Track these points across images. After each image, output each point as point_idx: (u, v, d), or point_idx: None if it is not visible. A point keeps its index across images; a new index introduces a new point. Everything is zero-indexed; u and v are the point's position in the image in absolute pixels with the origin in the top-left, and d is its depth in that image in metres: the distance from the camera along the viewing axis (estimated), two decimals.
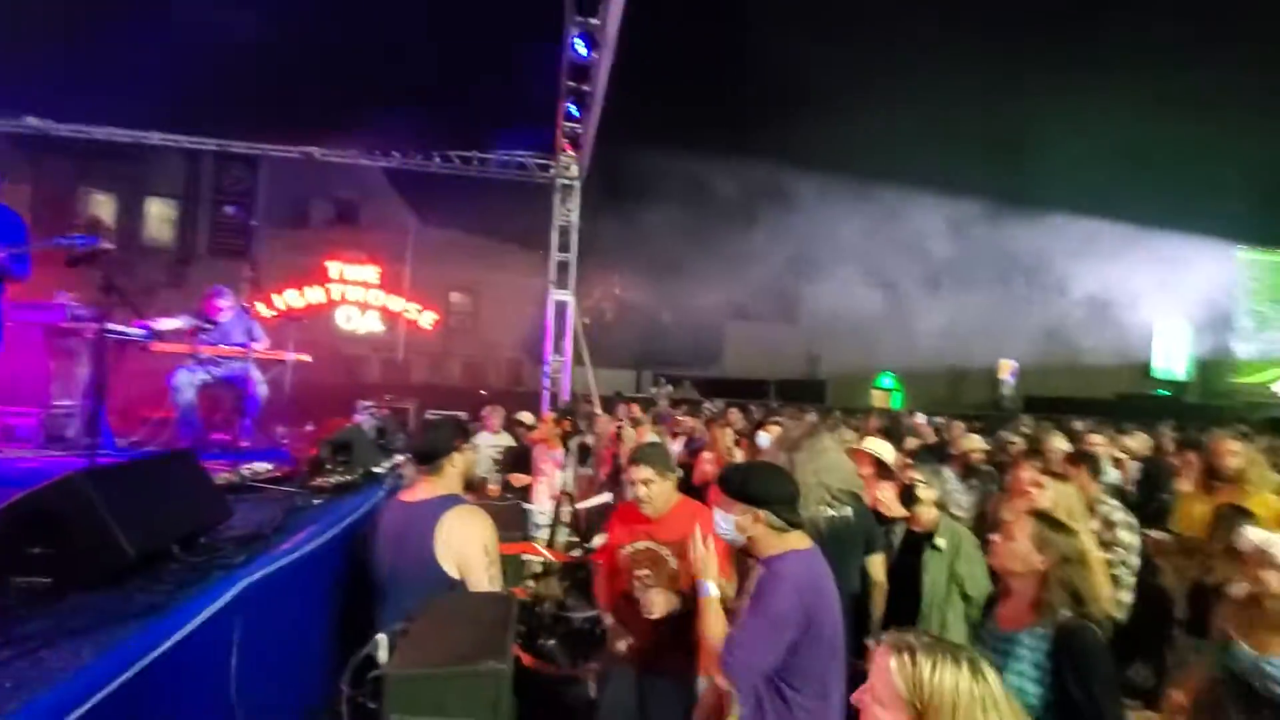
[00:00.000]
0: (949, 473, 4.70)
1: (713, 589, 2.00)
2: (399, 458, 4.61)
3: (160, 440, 4.49)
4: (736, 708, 1.99)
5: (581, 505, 5.17)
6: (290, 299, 16.74)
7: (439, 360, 22.32)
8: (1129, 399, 23.60)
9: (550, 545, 4.62)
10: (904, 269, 28.98)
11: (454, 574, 2.26)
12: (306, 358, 5.56)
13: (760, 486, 2.01)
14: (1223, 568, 2.53)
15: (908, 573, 2.99)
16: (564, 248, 10.20)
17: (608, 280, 27.96)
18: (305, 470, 3.56)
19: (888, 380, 27.83)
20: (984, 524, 4.01)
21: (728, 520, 1.99)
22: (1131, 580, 3.49)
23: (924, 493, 3.10)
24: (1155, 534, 3.65)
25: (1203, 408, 22.08)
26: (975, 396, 26.89)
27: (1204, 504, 3.26)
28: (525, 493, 5.41)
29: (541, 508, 5.23)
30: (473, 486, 4.01)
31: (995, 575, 2.99)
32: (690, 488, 4.83)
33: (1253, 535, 2.16)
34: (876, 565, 2.93)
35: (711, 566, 2.02)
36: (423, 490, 2.42)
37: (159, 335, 4.76)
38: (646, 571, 2.57)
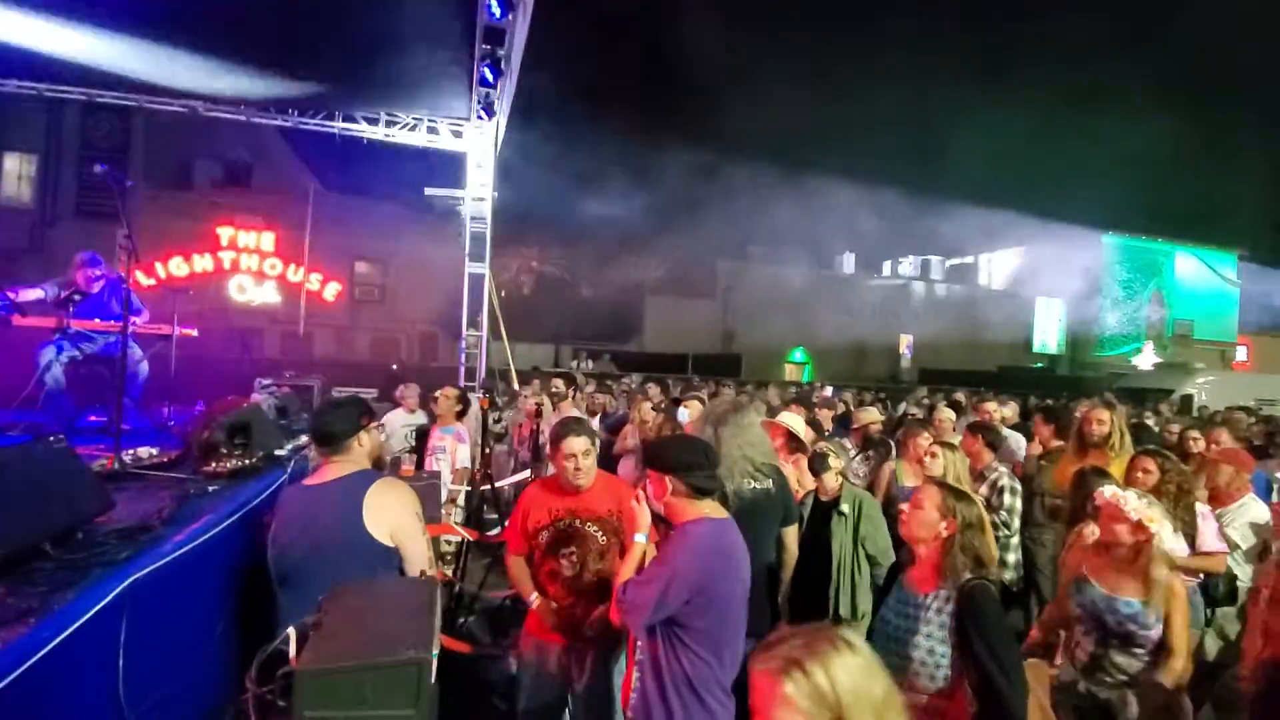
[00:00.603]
0: (849, 445, 4.99)
1: (642, 538, 2.13)
2: (303, 439, 4.37)
3: (24, 425, 4.04)
4: (638, 654, 2.09)
5: (501, 483, 5.08)
6: (174, 267, 15.40)
7: (344, 334, 21.25)
8: (1010, 371, 25.71)
9: (468, 524, 4.55)
10: (817, 248, 30.14)
11: (389, 543, 2.17)
12: (192, 332, 5.13)
13: (669, 454, 2.13)
14: (1079, 521, 2.83)
15: (816, 540, 3.15)
16: (478, 219, 9.86)
17: (525, 253, 27.41)
18: (197, 455, 3.31)
19: (799, 354, 28.95)
20: (873, 491, 4.29)
21: (649, 490, 2.12)
22: (1015, 541, 3.84)
23: (833, 462, 3.27)
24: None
25: (1073, 379, 24.34)
26: (876, 369, 28.48)
27: (1076, 467, 3.60)
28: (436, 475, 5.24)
29: (446, 485, 5.05)
30: (382, 467, 3.83)
31: (899, 540, 3.21)
32: (610, 463, 4.87)
33: (1107, 492, 2.42)
34: (791, 536, 3.06)
35: (644, 519, 2.12)
36: (331, 472, 2.28)
37: (20, 308, 4.26)
38: (573, 549, 2.55)
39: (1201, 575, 3.13)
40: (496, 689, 3.40)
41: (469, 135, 9.52)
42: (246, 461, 3.24)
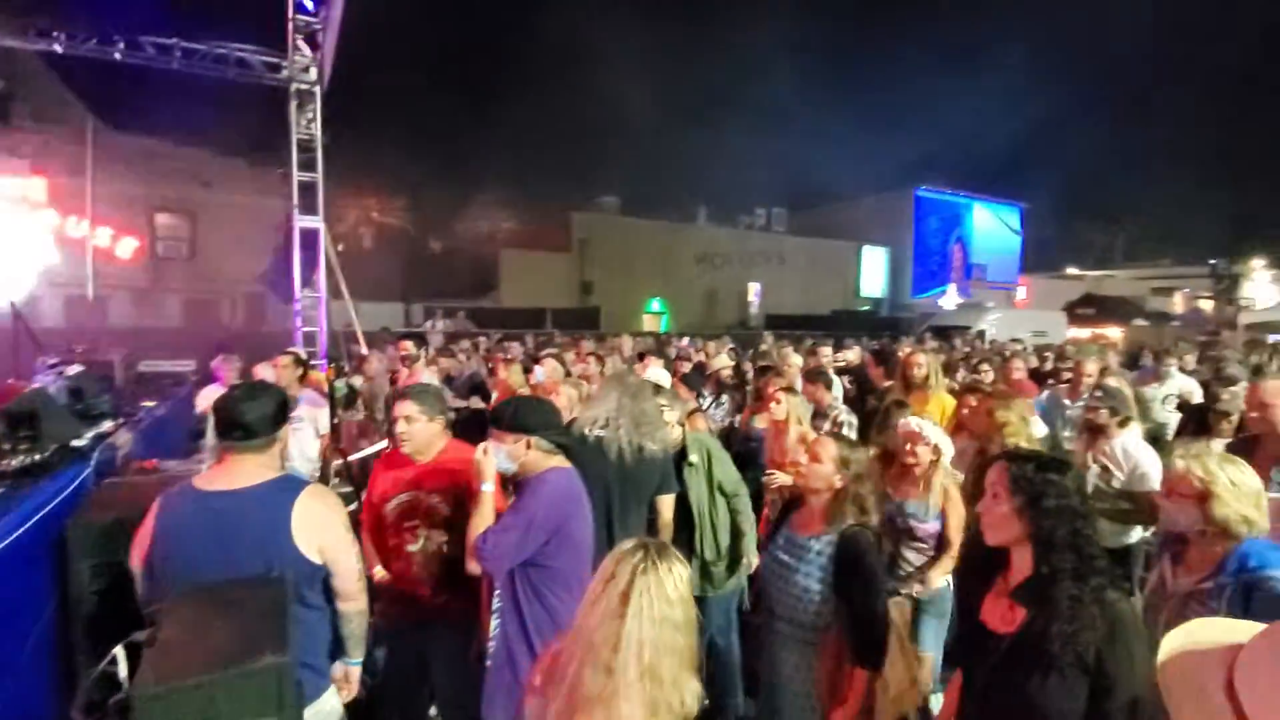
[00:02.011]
0: (707, 393, 5.24)
1: (489, 487, 2.16)
2: (106, 425, 3.79)
3: None
4: (495, 602, 2.16)
5: (355, 456, 4.77)
6: None
7: (148, 297, 18.58)
8: (842, 314, 28.17)
9: None
10: (669, 198, 30.72)
11: (318, 560, 1.93)
12: None
13: (530, 416, 2.23)
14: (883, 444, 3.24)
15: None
16: (307, 166, 8.83)
17: (363, 203, 25.33)
18: None
19: (657, 304, 29.65)
20: (733, 435, 4.56)
21: (500, 451, 2.17)
22: None
23: (669, 415, 3.24)
24: None
25: (892, 320, 27.16)
26: (727, 316, 29.96)
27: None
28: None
29: (313, 459, 4.58)
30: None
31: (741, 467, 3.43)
32: (472, 432, 4.70)
33: (914, 423, 2.93)
34: (666, 505, 3.06)
35: (489, 469, 2.16)
36: (241, 474, 1.91)
37: None
38: (417, 522, 2.47)
39: None
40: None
41: (290, 70, 8.46)
42: (36, 457, 2.78)
